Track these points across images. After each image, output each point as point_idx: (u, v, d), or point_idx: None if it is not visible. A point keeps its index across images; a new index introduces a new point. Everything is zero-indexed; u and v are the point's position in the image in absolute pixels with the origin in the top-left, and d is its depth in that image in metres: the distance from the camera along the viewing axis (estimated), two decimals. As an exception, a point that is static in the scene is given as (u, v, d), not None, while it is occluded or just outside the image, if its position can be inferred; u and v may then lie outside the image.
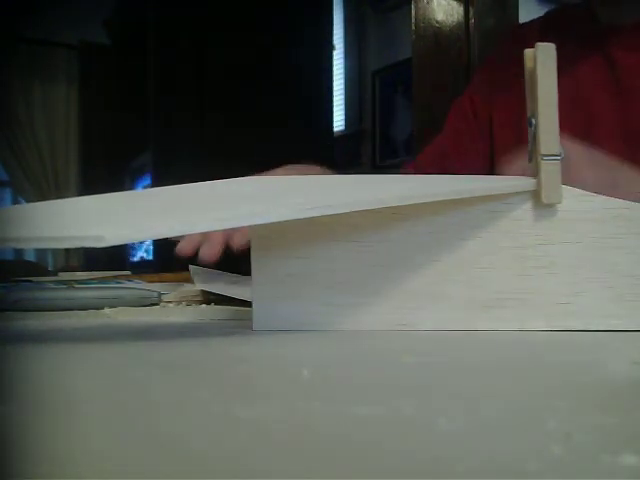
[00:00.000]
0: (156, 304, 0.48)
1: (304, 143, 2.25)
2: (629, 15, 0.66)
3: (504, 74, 0.72)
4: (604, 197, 0.32)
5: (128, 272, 0.89)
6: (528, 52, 0.33)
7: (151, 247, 2.33)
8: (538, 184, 0.32)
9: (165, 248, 2.09)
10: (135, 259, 2.61)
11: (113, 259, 2.25)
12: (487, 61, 0.83)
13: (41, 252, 3.16)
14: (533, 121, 0.32)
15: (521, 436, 0.14)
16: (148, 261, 2.33)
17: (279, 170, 0.57)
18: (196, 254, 0.53)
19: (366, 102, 3.19)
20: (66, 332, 0.34)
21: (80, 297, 0.46)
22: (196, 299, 0.49)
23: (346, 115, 3.27)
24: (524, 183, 0.32)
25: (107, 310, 0.45)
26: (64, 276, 0.93)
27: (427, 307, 0.33)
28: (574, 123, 0.63)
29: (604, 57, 0.67)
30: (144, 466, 0.13)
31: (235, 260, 0.53)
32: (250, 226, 0.33)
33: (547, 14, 0.80)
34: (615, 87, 0.66)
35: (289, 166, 0.59)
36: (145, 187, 2.45)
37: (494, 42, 1.38)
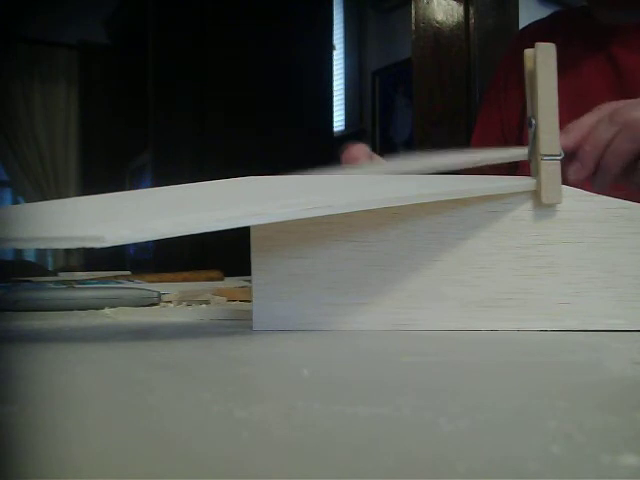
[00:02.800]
0: (156, 304, 0.48)
1: (304, 143, 2.25)
2: (628, 17, 0.67)
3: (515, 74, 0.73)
4: (604, 197, 0.32)
5: (128, 272, 0.89)
6: (528, 52, 0.33)
7: (151, 247, 2.32)
8: (538, 184, 0.32)
9: (165, 248, 2.08)
10: (135, 259, 2.61)
11: (113, 259, 2.25)
12: (499, 67, 0.84)
13: (41, 252, 3.16)
14: (533, 121, 0.32)
15: (521, 436, 0.14)
16: (148, 261, 2.33)
17: None
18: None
19: (366, 102, 3.19)
20: (66, 332, 0.34)
21: (80, 297, 0.46)
22: (196, 299, 0.49)
23: (346, 115, 3.27)
24: (524, 183, 0.32)
25: (107, 310, 0.45)
26: (64, 276, 0.93)
27: (427, 307, 0.33)
28: None
29: (607, 57, 0.67)
30: (144, 466, 0.13)
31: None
32: (250, 226, 0.33)
33: (553, 15, 0.80)
34: (618, 87, 0.66)
35: None
36: (145, 187, 2.45)
37: (495, 42, 1.38)
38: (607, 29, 0.68)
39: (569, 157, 0.42)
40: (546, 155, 0.32)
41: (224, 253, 1.40)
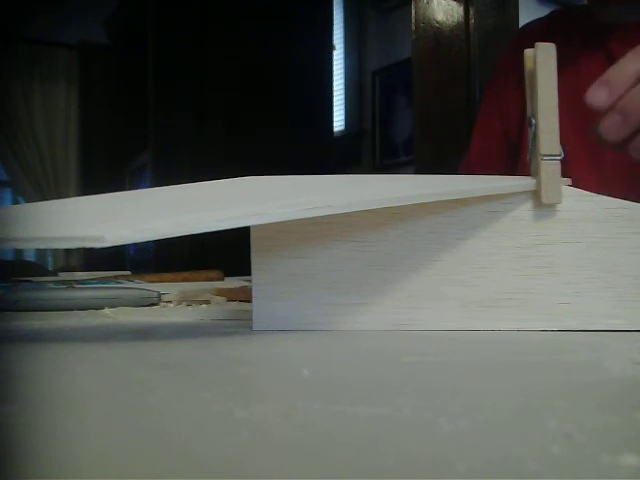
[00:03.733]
0: (156, 304, 0.48)
1: (304, 143, 2.25)
2: (627, 13, 0.67)
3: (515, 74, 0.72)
4: (604, 197, 0.32)
5: (128, 272, 0.89)
6: (528, 52, 0.33)
7: (151, 247, 2.33)
8: (538, 184, 0.32)
9: (165, 248, 2.08)
10: (135, 259, 2.61)
11: (113, 259, 2.25)
12: (499, 65, 0.83)
13: (41, 252, 3.16)
14: (533, 121, 0.32)
15: (521, 436, 0.14)
16: (148, 261, 2.34)
17: None
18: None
19: (366, 102, 3.19)
20: (66, 332, 0.34)
21: (80, 297, 0.46)
22: (196, 299, 0.49)
23: (346, 115, 3.27)
24: (524, 183, 0.32)
25: (107, 310, 0.45)
26: (64, 276, 0.93)
27: (427, 307, 0.33)
28: (577, 121, 0.63)
29: (606, 55, 0.67)
30: (144, 466, 0.13)
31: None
32: (250, 226, 0.33)
33: (552, 13, 0.80)
34: None
35: None
36: (145, 187, 2.45)
37: (495, 42, 1.38)
38: (606, 27, 0.68)
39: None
40: (546, 155, 0.32)
41: (224, 253, 1.40)
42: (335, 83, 2.67)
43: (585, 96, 0.36)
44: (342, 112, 3.26)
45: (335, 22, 2.73)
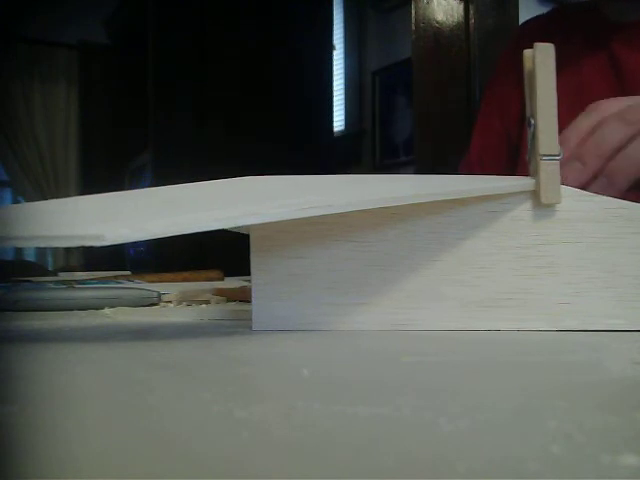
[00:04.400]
0: (156, 304, 0.48)
1: (304, 143, 2.25)
2: (635, 13, 0.66)
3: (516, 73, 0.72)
4: (604, 197, 0.32)
5: (128, 272, 0.89)
6: (527, 52, 0.33)
7: (151, 247, 2.32)
8: (537, 184, 0.32)
9: (165, 248, 2.08)
10: (135, 259, 2.61)
11: (113, 259, 2.25)
12: (499, 63, 0.83)
13: (41, 252, 3.16)
14: (532, 121, 0.32)
15: (521, 436, 0.14)
16: (148, 261, 2.34)
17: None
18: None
19: (366, 102, 3.19)
20: (66, 332, 0.34)
21: (80, 297, 0.46)
22: (196, 299, 0.49)
23: (346, 115, 3.27)
24: (524, 183, 0.32)
25: (107, 310, 0.45)
26: (64, 276, 0.93)
27: (427, 307, 0.33)
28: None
29: (608, 56, 0.67)
30: (144, 466, 0.13)
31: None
32: (250, 226, 0.33)
33: (551, 11, 0.80)
34: (618, 86, 0.66)
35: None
36: (145, 187, 2.44)
37: (495, 42, 1.38)
38: (609, 26, 0.68)
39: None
40: (545, 155, 0.32)
41: (224, 253, 1.40)
42: (335, 83, 2.67)
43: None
44: (342, 112, 3.26)
45: (335, 22, 2.73)
